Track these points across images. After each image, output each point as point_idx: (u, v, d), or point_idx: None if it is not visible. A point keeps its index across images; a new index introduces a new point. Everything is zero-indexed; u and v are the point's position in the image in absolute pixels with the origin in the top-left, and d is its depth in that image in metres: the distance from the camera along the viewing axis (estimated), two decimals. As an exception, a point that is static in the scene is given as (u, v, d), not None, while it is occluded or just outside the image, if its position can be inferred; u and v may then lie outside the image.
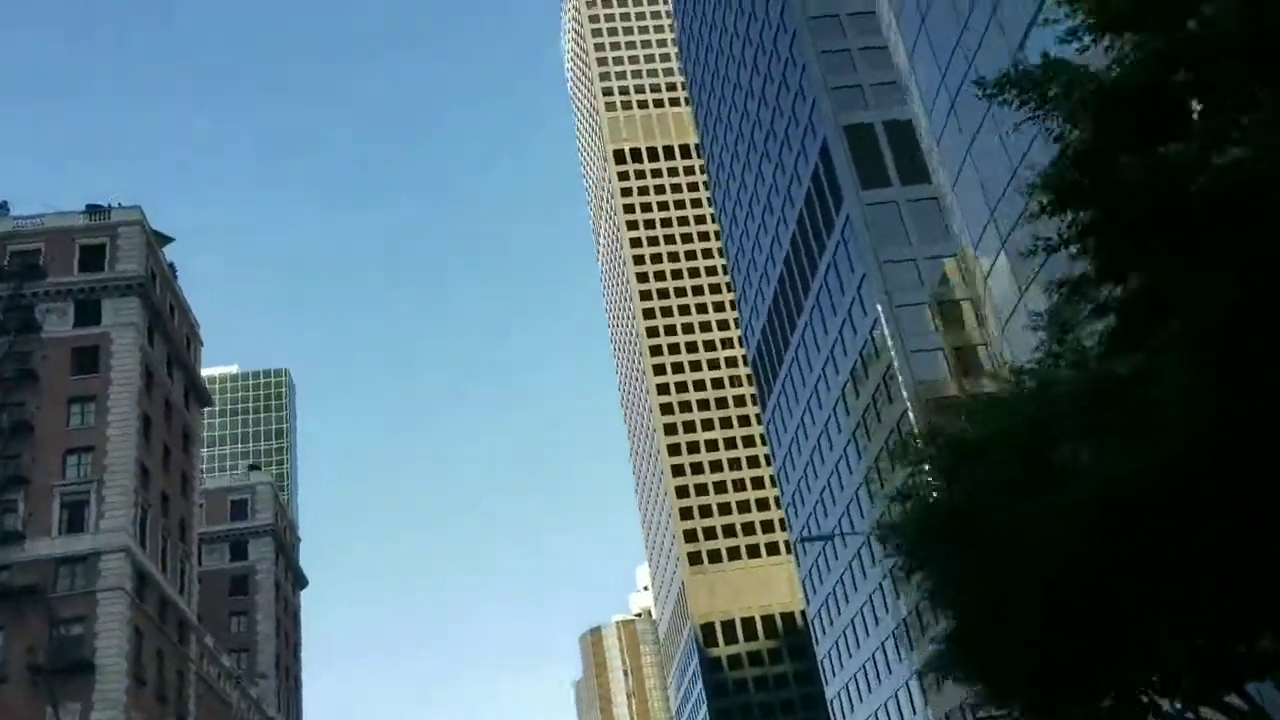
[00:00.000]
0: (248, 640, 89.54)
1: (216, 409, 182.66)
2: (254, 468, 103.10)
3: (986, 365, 69.92)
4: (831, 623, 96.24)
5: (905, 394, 71.81)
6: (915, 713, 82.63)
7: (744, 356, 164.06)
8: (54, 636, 53.22)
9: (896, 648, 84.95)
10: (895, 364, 72.83)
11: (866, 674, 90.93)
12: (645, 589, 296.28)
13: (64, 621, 53.92)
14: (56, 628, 53.44)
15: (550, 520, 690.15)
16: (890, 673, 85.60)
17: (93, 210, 64.59)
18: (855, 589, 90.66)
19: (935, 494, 18.02)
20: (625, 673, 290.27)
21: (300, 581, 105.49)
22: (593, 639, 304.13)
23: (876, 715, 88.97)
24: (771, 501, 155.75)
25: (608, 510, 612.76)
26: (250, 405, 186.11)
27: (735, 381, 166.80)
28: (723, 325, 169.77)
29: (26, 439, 57.80)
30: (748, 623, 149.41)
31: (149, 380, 63.43)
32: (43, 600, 53.63)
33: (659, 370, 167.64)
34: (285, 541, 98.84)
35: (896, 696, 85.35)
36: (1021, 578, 15.13)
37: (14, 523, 55.83)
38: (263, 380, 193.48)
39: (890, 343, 73.23)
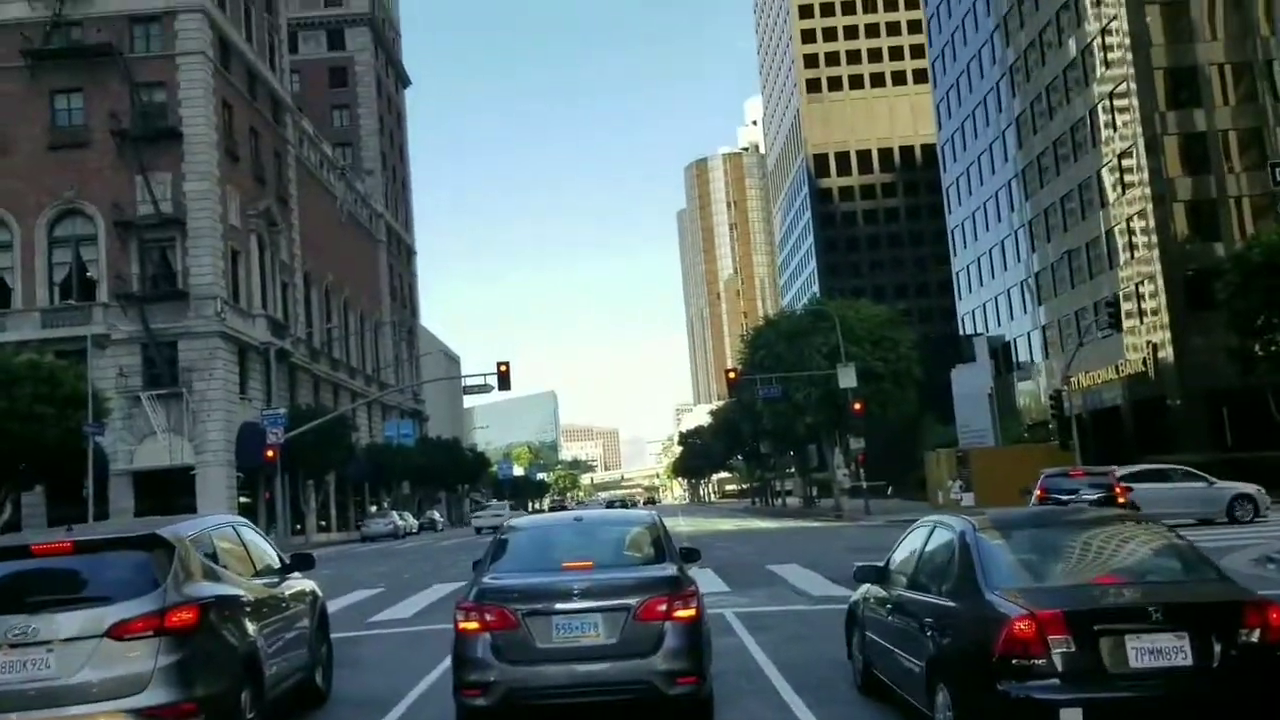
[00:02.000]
0: (350, 135, 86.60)
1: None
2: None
3: None
4: (965, 149, 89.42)
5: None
6: (1019, 260, 79.12)
7: None
8: (136, 102, 49.42)
9: (1011, 197, 79.56)
10: None
11: (986, 212, 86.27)
12: (754, 123, 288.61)
13: (144, 86, 49.84)
14: (137, 92, 49.47)
15: (660, 48, 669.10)
16: (1001, 220, 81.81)
17: None
18: (987, 123, 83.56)
19: None
20: (729, 204, 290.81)
21: (403, 80, 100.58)
22: (697, 170, 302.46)
23: (990, 254, 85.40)
24: (903, 25, 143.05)
25: (718, 38, 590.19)
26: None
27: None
28: None
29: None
30: (863, 155, 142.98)
31: None
32: (119, 60, 49.21)
33: None
34: (384, 34, 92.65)
35: (1003, 245, 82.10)
36: None
37: (80, -27, 50.21)
38: None
39: None
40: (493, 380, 47.98)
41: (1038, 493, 26.65)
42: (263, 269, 56.33)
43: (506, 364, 46.80)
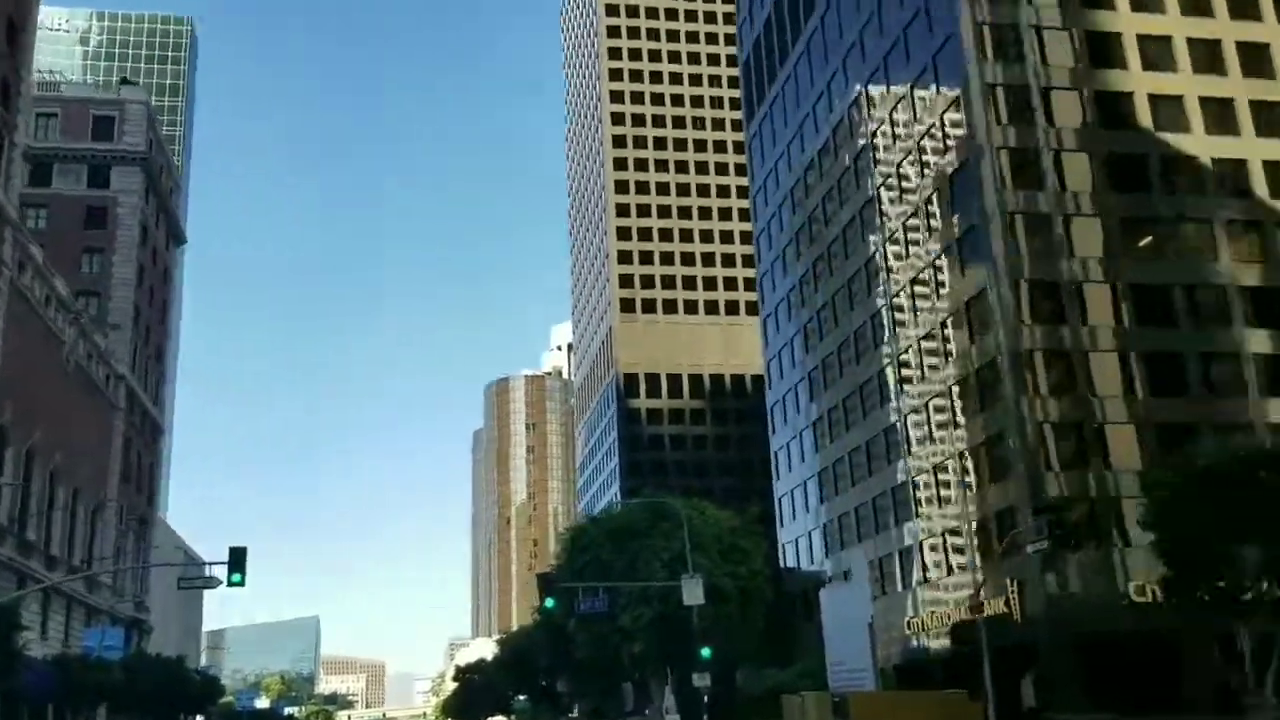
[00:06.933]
0: (100, 284, 73.58)
1: (100, 50, 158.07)
2: (126, 82, 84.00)
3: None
4: (793, 367, 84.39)
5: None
6: (807, 511, 78.45)
7: (728, 77, 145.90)
8: None
9: (814, 440, 77.78)
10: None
11: (803, 443, 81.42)
12: (559, 349, 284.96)
13: None
14: None
15: (477, 256, 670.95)
16: (803, 462, 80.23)
17: None
18: (807, 351, 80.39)
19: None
20: (528, 427, 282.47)
21: (177, 236, 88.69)
22: (498, 390, 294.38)
23: (807, 485, 79.72)
24: (718, 258, 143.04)
25: (528, 269, 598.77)
26: (142, 54, 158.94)
27: (699, 124, 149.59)
28: (711, 38, 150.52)
29: None
30: (674, 379, 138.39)
31: None
32: None
33: (616, 97, 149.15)
34: (159, 181, 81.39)
35: (805, 485, 79.63)
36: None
37: None
38: (159, 26, 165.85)
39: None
40: (221, 571, 35.85)
41: None
42: (-69, 409, 42.45)
43: (243, 549, 35.21)
